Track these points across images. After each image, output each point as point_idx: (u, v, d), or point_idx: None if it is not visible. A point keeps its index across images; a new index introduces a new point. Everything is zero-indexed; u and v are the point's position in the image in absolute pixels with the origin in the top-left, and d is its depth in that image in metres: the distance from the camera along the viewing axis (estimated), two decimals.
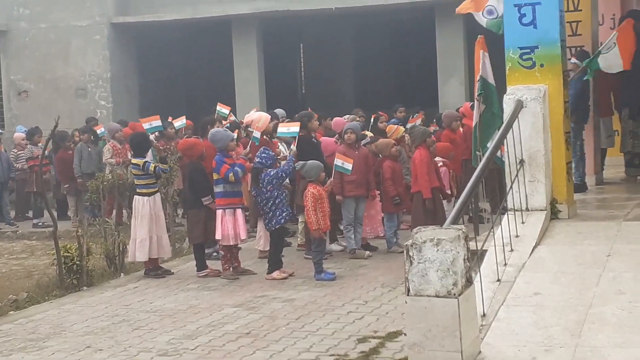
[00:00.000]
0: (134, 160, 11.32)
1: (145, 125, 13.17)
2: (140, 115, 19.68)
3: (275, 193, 10.55)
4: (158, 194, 11.40)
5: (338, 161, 11.12)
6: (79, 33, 20.60)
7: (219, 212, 10.69)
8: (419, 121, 14.78)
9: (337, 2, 19.51)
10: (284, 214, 10.58)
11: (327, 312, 8.73)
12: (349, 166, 11.08)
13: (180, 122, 15.14)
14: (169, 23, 20.65)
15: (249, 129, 13.05)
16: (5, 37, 21.09)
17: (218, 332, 8.23)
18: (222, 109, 14.80)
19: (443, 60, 19.16)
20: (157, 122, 13.39)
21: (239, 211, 10.84)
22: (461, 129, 13.38)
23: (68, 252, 10.52)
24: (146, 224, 10.99)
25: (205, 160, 11.38)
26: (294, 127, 11.38)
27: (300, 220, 12.04)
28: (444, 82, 19.31)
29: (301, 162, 10.63)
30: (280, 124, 12.00)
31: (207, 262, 11.14)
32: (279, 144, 12.69)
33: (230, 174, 10.57)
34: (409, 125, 14.07)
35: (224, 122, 13.87)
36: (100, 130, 16.40)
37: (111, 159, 15.29)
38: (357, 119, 14.14)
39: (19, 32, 21.04)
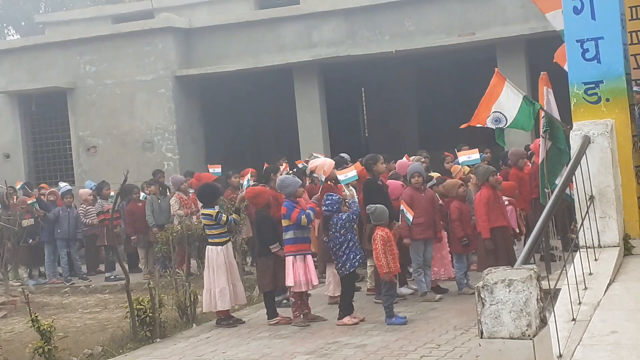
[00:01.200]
0: (205, 211, 11.43)
1: (211, 170, 13.37)
2: (207, 166, 19.94)
3: (349, 236, 10.57)
4: (230, 242, 11.50)
5: (402, 208, 11.10)
6: (144, 87, 21.02)
7: (290, 259, 10.71)
8: (470, 156, 14.53)
9: (397, 45, 19.60)
10: (357, 257, 10.60)
11: (400, 356, 8.66)
12: (410, 216, 11.03)
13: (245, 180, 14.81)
14: (232, 73, 20.95)
15: (314, 174, 13.14)
16: (73, 94, 21.61)
17: None
18: (301, 164, 14.89)
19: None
20: (218, 169, 13.56)
21: (309, 257, 10.87)
22: (530, 166, 13.26)
23: (141, 305, 10.62)
24: (223, 273, 11.08)
25: (272, 208, 11.44)
26: (351, 172, 11.44)
27: (369, 264, 12.00)
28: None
29: (372, 206, 10.60)
30: (337, 172, 11.96)
31: (277, 309, 11.15)
32: (344, 187, 12.70)
33: (303, 217, 10.62)
34: (461, 160, 13.96)
35: (282, 169, 13.99)
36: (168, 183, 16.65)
37: (179, 210, 15.49)
38: (422, 160, 14.10)
39: (86, 89, 21.55)
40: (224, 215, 11.31)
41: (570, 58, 8.53)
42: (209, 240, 11.31)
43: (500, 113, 9.70)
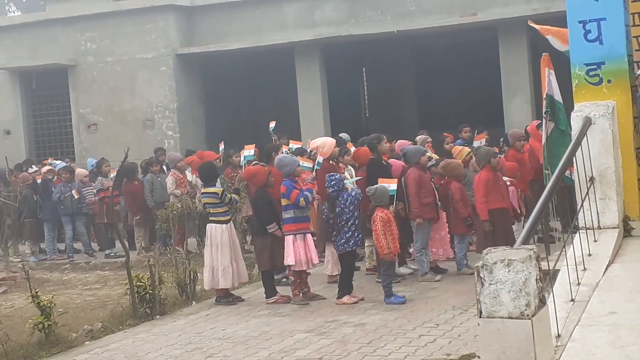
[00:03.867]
0: (210, 190, 11.44)
1: (246, 152, 13.33)
2: (207, 145, 19.97)
3: (356, 213, 10.60)
4: (231, 221, 11.53)
5: (391, 186, 11.00)
6: (145, 65, 20.98)
7: (290, 238, 10.73)
8: (483, 141, 14.65)
9: (398, 25, 19.55)
10: (360, 236, 10.65)
11: (399, 336, 8.70)
12: (309, 165, 11.23)
13: (248, 152, 14.91)
14: (233, 52, 20.90)
15: (314, 154, 13.14)
16: (74, 71, 21.58)
17: (290, 358, 8.26)
18: (294, 145, 14.81)
19: (507, 78, 19.04)
20: (249, 152, 13.51)
21: (308, 236, 10.90)
22: (527, 149, 13.26)
23: (140, 282, 10.67)
24: (227, 251, 11.12)
25: (272, 187, 11.46)
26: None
27: (367, 244, 12.03)
28: (509, 101, 19.17)
29: (371, 188, 10.61)
30: (300, 158, 11.79)
31: (277, 288, 11.19)
32: (344, 168, 12.72)
33: (301, 199, 10.64)
34: (475, 144, 13.98)
35: (283, 148, 13.96)
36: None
37: (176, 189, 15.48)
38: (428, 140, 14.09)
39: (87, 67, 21.52)
40: (227, 194, 11.35)
41: (573, 39, 8.51)
42: (212, 218, 11.32)
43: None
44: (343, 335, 8.94)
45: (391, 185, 10.93)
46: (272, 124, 16.34)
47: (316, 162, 11.71)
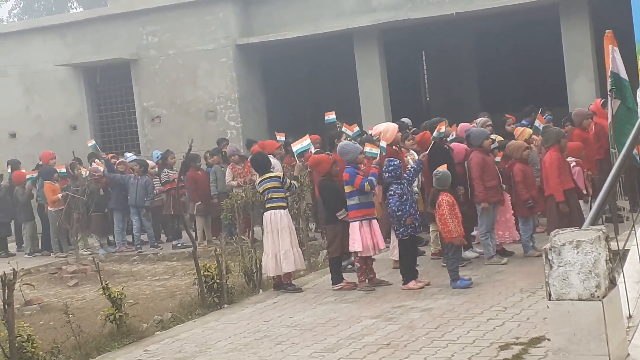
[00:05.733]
0: (273, 174, 11.55)
1: (295, 147, 13.32)
2: (269, 134, 20.05)
3: (410, 201, 10.62)
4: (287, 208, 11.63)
5: (367, 148, 11.15)
6: (206, 57, 21.13)
7: (356, 224, 10.75)
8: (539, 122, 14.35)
9: (457, 7, 19.35)
10: (417, 224, 10.65)
11: (466, 320, 8.67)
12: (376, 151, 11.14)
13: (300, 145, 14.56)
14: (291, 41, 20.92)
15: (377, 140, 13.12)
16: (137, 65, 21.83)
17: (358, 344, 8.29)
18: (347, 129, 14.79)
19: (570, 57, 18.73)
20: (307, 142, 13.50)
21: (374, 221, 10.91)
22: (593, 128, 13.06)
23: (208, 271, 10.80)
24: (287, 235, 11.21)
25: (337, 176, 11.49)
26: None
27: (432, 229, 12.00)
28: (572, 80, 18.87)
29: (439, 171, 10.56)
30: (367, 145, 11.59)
31: (343, 274, 11.22)
32: (406, 152, 12.69)
33: (366, 184, 10.66)
34: (540, 126, 13.77)
35: (344, 137, 13.94)
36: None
37: (233, 181, 15.62)
38: (489, 122, 13.96)
39: (149, 60, 21.75)
40: (287, 179, 11.46)
41: (637, 16, 8.36)
42: (271, 204, 11.36)
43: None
44: (410, 320, 8.94)
45: (373, 149, 11.04)
46: (332, 115, 16.31)
47: (380, 147, 11.67)
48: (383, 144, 11.73)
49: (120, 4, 22.90)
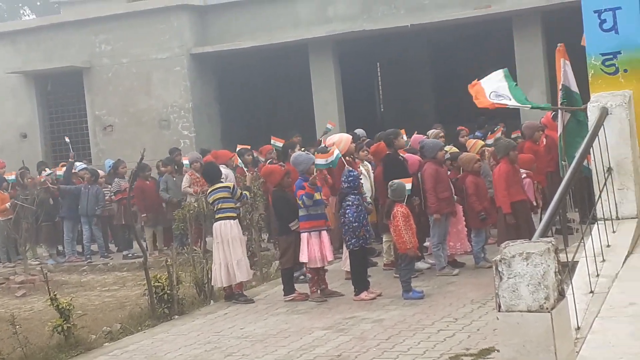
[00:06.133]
0: (223, 184, 11.47)
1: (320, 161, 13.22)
2: (222, 143, 19.98)
3: (363, 212, 10.62)
4: (238, 219, 11.56)
5: (407, 185, 10.88)
6: (160, 66, 21.00)
7: (305, 235, 10.72)
8: (498, 135, 14.53)
9: (412, 19, 19.47)
10: (368, 235, 10.64)
11: (417, 331, 8.66)
12: (409, 185, 10.93)
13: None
14: (247, 50, 20.89)
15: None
16: (89, 73, 21.63)
17: (309, 355, 8.23)
18: (277, 142, 14.84)
19: (523, 70, 18.92)
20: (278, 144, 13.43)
21: (324, 233, 10.86)
22: (544, 140, 13.17)
23: (158, 282, 10.68)
24: (239, 245, 11.15)
25: (289, 187, 11.44)
26: (330, 157, 11.11)
27: (385, 239, 11.99)
28: (524, 92, 19.01)
29: (394, 182, 10.54)
30: (317, 156, 11.32)
31: (295, 285, 11.16)
32: (360, 164, 12.68)
33: (300, 201, 10.64)
34: (488, 141, 13.89)
35: (297, 148, 13.94)
36: (185, 161, 16.56)
37: (189, 187, 15.50)
38: (441, 134, 14.01)
39: (102, 68, 21.56)
40: (238, 189, 11.39)
41: (588, 29, 8.44)
42: (220, 215, 11.29)
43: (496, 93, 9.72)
44: (362, 331, 8.91)
45: (407, 184, 10.87)
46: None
47: (335, 155, 11.50)
48: (336, 152, 11.62)
49: (73, 12, 22.72)
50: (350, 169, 11.05)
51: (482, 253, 11.66)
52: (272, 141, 15.06)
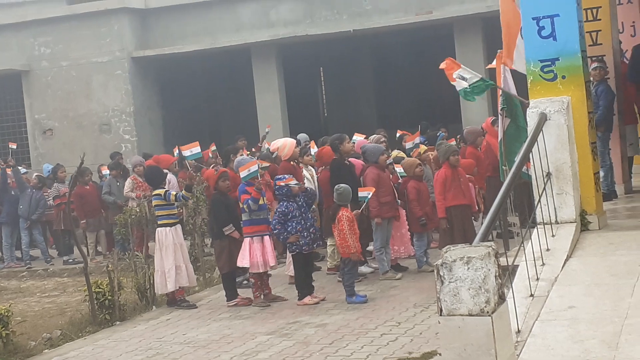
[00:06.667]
0: (156, 191, 11.37)
1: (186, 153, 13.10)
2: (165, 148, 19.83)
3: (306, 215, 10.59)
4: (179, 224, 11.45)
5: (363, 193, 10.95)
6: (100, 69, 20.79)
7: (247, 240, 10.70)
8: (417, 139, 14.52)
9: (355, 24, 19.58)
10: (311, 238, 10.61)
11: (361, 335, 8.69)
12: (369, 194, 10.95)
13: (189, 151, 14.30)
14: (189, 54, 20.80)
15: (274, 156, 13.11)
16: (28, 77, 21.32)
17: None
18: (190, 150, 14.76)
19: None
20: (197, 149, 13.31)
21: (266, 238, 10.84)
22: (484, 145, 13.32)
23: (100, 288, 10.56)
24: (171, 253, 11.04)
25: (230, 190, 11.41)
26: (254, 167, 11.06)
27: (329, 243, 12.01)
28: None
29: (340, 186, 10.55)
30: (240, 169, 11.11)
31: (238, 290, 11.12)
32: (303, 168, 12.70)
33: (245, 205, 10.61)
34: (407, 145, 13.99)
35: (241, 152, 13.87)
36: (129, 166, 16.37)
37: (131, 192, 15.35)
38: (382, 139, 14.09)
39: (41, 72, 21.27)
40: (172, 192, 11.28)
41: (527, 36, 8.56)
42: (158, 222, 11.24)
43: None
44: (305, 336, 8.91)
45: (366, 192, 10.87)
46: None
47: (258, 166, 11.41)
48: (253, 168, 11.49)
49: (10, 14, 22.37)
50: (280, 176, 10.95)
51: (424, 257, 11.74)
52: (181, 151, 14.79)
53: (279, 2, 20.68)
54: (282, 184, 10.52)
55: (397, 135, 15.10)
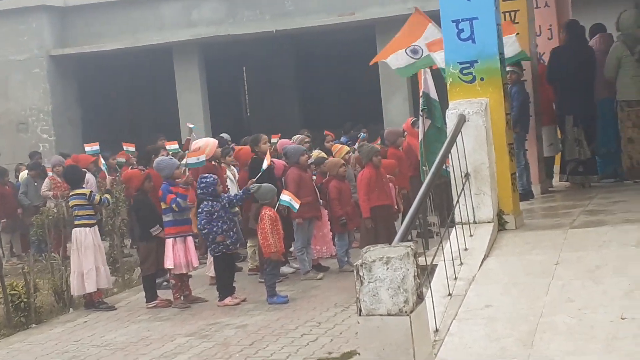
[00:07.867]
0: (78, 191, 11.16)
1: (87, 149, 12.95)
2: (84, 147, 19.50)
3: (225, 217, 10.51)
4: (96, 225, 11.28)
5: (285, 197, 10.87)
6: (18, 67, 20.38)
7: (170, 241, 10.58)
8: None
9: (277, 25, 19.56)
10: (232, 240, 10.55)
11: (281, 336, 8.67)
12: (296, 205, 10.86)
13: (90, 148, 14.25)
14: (109, 53, 20.53)
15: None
16: None
17: None
18: (129, 147, 14.69)
19: (386, 76, 19.26)
20: (96, 147, 13.18)
21: (189, 239, 10.75)
22: (405, 145, 13.45)
23: (15, 290, 10.33)
24: (91, 254, 10.86)
25: (153, 190, 11.27)
26: (202, 156, 11.12)
27: (249, 244, 11.96)
28: (387, 99, 19.41)
29: (256, 185, 10.52)
30: (188, 154, 11.42)
31: (158, 291, 11.00)
32: (227, 168, 12.63)
33: (174, 205, 10.49)
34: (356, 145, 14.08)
35: (163, 152, 13.72)
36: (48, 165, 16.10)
37: (48, 191, 15.06)
38: (306, 139, 14.09)
39: None
40: (97, 195, 11.12)
41: (446, 38, 8.63)
42: (77, 222, 11.05)
43: (418, 46, 9.95)
44: (225, 337, 8.85)
45: (293, 202, 10.76)
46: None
47: (186, 162, 11.38)
48: (202, 157, 11.51)
49: None
50: (205, 175, 10.87)
51: (345, 257, 11.78)
52: (124, 147, 14.82)
53: (202, 2, 20.56)
54: (206, 181, 10.44)
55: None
